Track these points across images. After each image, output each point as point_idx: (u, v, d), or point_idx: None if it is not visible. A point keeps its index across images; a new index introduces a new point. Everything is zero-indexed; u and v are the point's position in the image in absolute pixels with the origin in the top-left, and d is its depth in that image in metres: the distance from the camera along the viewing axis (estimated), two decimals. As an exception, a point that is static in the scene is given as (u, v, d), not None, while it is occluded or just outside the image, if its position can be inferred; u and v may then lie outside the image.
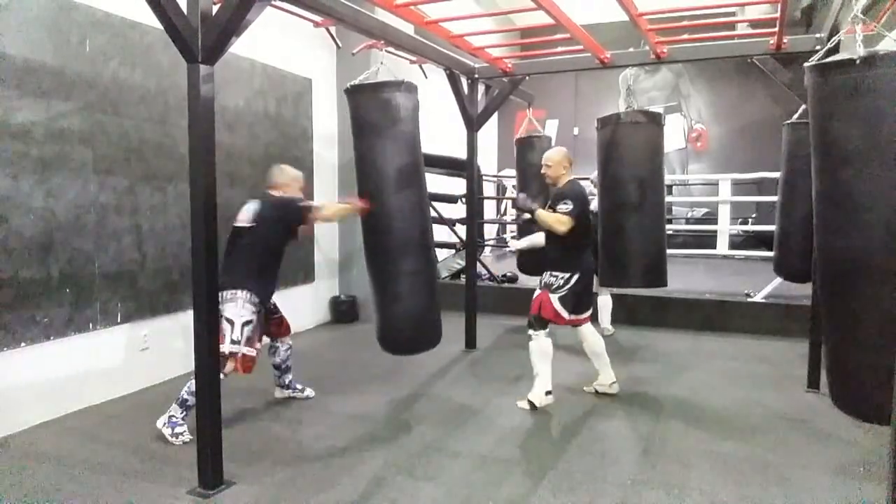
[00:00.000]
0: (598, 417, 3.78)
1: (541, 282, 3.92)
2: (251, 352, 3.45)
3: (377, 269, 3.40)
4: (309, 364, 4.90)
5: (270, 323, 3.83)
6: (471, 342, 5.40)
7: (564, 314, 3.82)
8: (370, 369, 4.67)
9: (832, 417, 3.51)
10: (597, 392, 4.15)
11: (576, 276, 3.80)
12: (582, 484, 2.92)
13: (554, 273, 3.84)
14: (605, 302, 5.77)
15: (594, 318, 5.66)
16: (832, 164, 2.43)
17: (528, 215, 3.98)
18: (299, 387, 4.06)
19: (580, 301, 3.92)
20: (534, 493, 2.84)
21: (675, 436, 3.49)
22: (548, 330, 3.87)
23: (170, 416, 3.36)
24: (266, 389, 4.05)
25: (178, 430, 3.34)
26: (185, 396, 3.33)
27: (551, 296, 3.81)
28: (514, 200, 4.22)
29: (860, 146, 2.33)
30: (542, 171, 4.00)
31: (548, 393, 3.84)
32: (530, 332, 3.88)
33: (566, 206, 3.71)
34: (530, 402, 3.85)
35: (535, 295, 3.92)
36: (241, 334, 3.40)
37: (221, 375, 3.29)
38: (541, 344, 3.86)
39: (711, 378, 4.56)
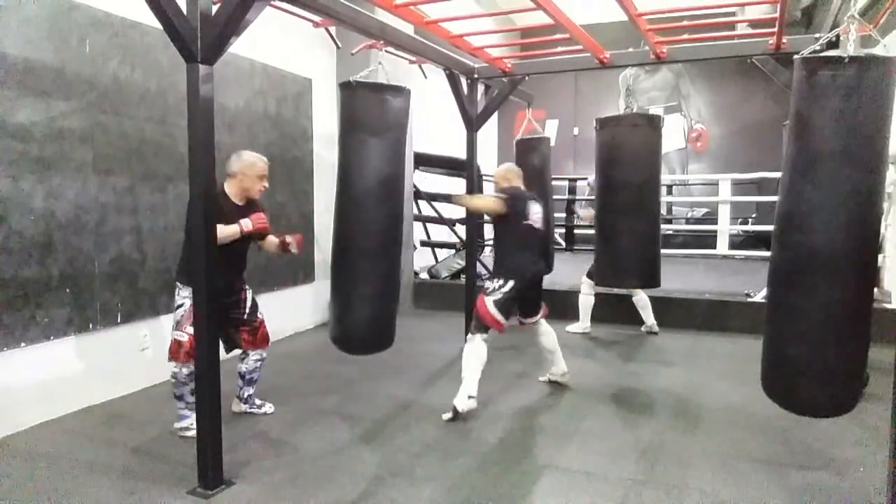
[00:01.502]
0: (598, 417, 3.78)
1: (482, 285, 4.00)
2: (179, 336, 3.30)
3: (341, 268, 3.34)
4: (309, 364, 4.91)
5: (241, 331, 3.57)
6: (471, 342, 5.39)
7: (501, 319, 3.76)
8: (370, 369, 4.66)
9: (831, 417, 3.51)
10: (550, 381, 4.32)
11: (510, 283, 3.78)
12: (582, 484, 2.92)
13: (492, 278, 3.88)
14: (643, 301, 5.81)
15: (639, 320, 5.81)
16: (806, 160, 2.44)
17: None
18: (258, 402, 3.80)
19: (517, 306, 3.97)
20: (534, 493, 2.84)
21: (674, 436, 3.49)
22: (486, 335, 3.80)
23: (178, 414, 3.42)
24: (266, 390, 4.05)
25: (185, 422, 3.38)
26: (176, 392, 3.38)
27: (486, 299, 3.78)
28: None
29: (836, 144, 2.34)
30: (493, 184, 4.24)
31: (470, 397, 3.69)
32: (468, 335, 3.88)
33: (498, 195, 3.98)
34: (453, 408, 3.67)
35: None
36: (174, 318, 3.36)
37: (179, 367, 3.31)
38: (475, 347, 3.79)
39: (711, 378, 4.56)
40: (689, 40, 4.83)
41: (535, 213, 3.94)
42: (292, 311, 5.88)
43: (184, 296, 3.33)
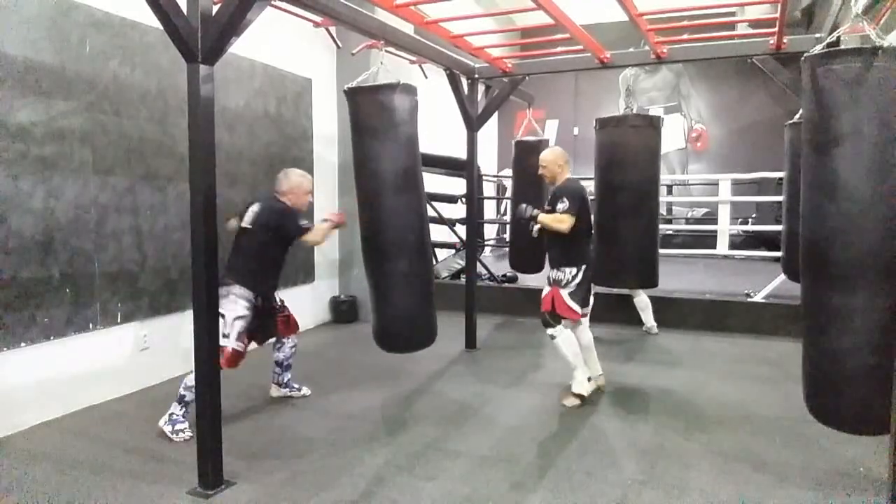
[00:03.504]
0: (598, 417, 3.78)
1: (549, 278, 3.94)
2: (239, 346, 3.48)
3: (374, 270, 3.40)
4: (309, 364, 4.90)
5: (277, 321, 3.86)
6: (471, 342, 5.40)
7: (577, 309, 3.86)
8: (370, 369, 4.67)
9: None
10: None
11: (582, 269, 3.85)
12: (582, 484, 2.92)
13: (562, 269, 3.86)
14: (644, 303, 5.83)
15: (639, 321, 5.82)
16: (827, 157, 2.40)
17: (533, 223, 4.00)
18: (296, 385, 4.09)
19: (588, 294, 3.98)
20: (534, 493, 2.84)
21: (674, 436, 3.49)
22: (563, 324, 3.89)
23: (170, 414, 3.40)
24: (266, 388, 4.05)
25: (178, 426, 3.37)
26: (182, 392, 3.37)
27: (562, 291, 3.83)
28: (514, 212, 4.30)
29: (859, 139, 2.31)
30: (540, 171, 4.05)
31: (589, 379, 3.92)
32: (549, 330, 3.89)
33: (563, 205, 3.77)
34: (578, 396, 3.88)
35: (544, 293, 3.92)
36: (232, 329, 3.45)
37: None
38: (565, 338, 3.88)
39: (711, 378, 4.56)
40: (690, 40, 4.83)
41: (590, 198, 3.98)
42: (293, 311, 5.87)
43: (242, 304, 3.53)
